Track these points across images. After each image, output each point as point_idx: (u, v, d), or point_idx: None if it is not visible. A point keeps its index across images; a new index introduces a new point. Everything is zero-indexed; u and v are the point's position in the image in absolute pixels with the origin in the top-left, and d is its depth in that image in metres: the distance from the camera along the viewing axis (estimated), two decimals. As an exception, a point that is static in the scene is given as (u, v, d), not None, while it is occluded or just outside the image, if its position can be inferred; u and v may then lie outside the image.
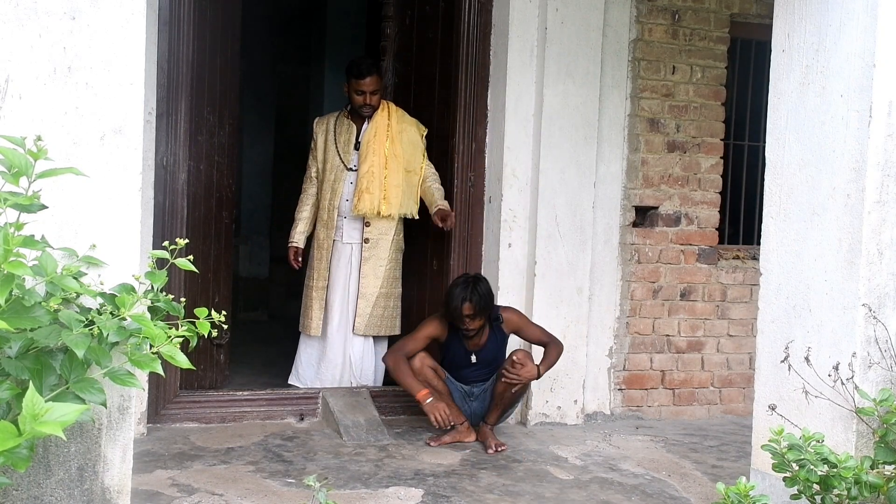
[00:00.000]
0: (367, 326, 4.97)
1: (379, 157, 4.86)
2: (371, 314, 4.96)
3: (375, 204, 4.84)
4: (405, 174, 4.92)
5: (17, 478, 2.33)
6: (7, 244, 2.01)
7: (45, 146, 2.14)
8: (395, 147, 4.90)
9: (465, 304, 4.27)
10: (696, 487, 3.97)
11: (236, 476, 3.77)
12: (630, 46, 5.08)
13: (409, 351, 4.38)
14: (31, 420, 1.72)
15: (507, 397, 4.42)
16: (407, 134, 4.96)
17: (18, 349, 2.15)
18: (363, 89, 4.88)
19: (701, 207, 5.30)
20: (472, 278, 4.39)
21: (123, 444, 2.49)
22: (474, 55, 4.95)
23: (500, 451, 4.29)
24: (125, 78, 2.48)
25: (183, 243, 2.44)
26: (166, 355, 2.24)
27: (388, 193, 4.86)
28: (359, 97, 4.90)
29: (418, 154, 4.96)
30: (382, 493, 3.65)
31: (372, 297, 4.96)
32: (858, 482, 2.70)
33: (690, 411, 5.32)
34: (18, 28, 2.38)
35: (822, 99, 3.16)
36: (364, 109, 4.92)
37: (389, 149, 4.89)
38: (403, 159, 4.91)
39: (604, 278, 5.08)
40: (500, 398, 4.42)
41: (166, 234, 4.20)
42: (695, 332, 5.33)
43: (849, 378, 3.00)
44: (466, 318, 4.29)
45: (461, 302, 4.26)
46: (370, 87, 4.88)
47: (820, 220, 3.15)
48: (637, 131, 5.12)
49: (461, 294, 4.26)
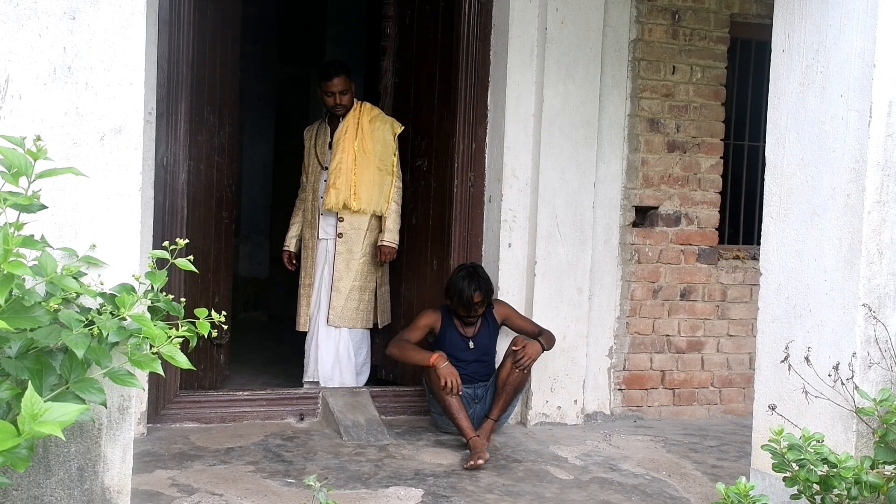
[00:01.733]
0: (340, 319, 5.03)
1: (347, 153, 4.95)
2: (345, 307, 5.03)
3: (342, 199, 4.93)
4: (378, 172, 4.99)
5: (16, 478, 2.33)
6: (7, 244, 2.01)
7: (45, 146, 2.14)
8: (364, 144, 4.98)
9: (475, 293, 4.50)
10: (696, 487, 3.97)
11: (236, 476, 3.77)
12: (630, 46, 5.08)
13: (410, 339, 4.53)
14: (30, 420, 1.72)
15: (511, 383, 4.45)
16: (380, 132, 5.02)
17: (18, 349, 2.15)
18: (332, 90, 5.02)
19: (701, 207, 5.30)
20: (472, 268, 4.62)
21: (123, 444, 2.49)
22: (474, 55, 4.95)
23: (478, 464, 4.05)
24: (125, 78, 2.48)
25: (183, 243, 2.44)
26: (166, 355, 2.24)
27: (357, 189, 4.94)
28: (329, 98, 5.05)
29: (389, 153, 5.04)
30: (382, 493, 3.65)
31: (345, 291, 5.02)
32: (858, 482, 2.70)
33: (690, 411, 5.33)
34: (18, 28, 2.38)
35: (822, 99, 3.16)
36: (336, 109, 5.06)
37: (359, 145, 4.97)
38: (375, 157, 4.99)
39: (604, 278, 5.08)
40: (504, 386, 4.46)
41: (166, 234, 4.20)
42: (695, 332, 5.33)
43: (849, 378, 3.00)
44: (476, 305, 4.52)
45: (473, 291, 4.49)
46: (338, 88, 5.01)
47: (820, 220, 3.15)
48: (637, 131, 5.12)
49: (470, 285, 4.50)
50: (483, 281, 4.55)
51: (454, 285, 4.56)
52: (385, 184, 5.01)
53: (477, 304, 4.53)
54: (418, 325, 4.60)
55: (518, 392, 4.57)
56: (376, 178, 4.99)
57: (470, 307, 4.53)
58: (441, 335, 4.63)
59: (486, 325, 4.69)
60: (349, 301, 5.04)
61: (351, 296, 5.04)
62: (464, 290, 4.50)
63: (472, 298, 4.50)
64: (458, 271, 4.62)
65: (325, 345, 5.05)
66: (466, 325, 4.64)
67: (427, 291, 5.20)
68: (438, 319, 4.63)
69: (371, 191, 4.96)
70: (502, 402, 4.48)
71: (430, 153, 5.17)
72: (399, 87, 5.45)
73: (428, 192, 5.21)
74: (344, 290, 5.02)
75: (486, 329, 4.69)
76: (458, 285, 4.53)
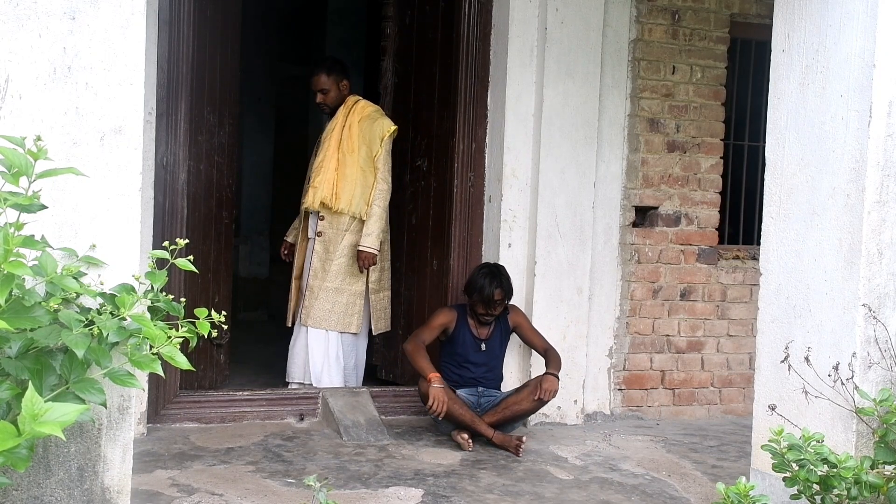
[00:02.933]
0: (309, 318, 4.90)
1: (330, 151, 4.90)
2: (315, 307, 4.88)
3: (319, 198, 4.85)
4: (362, 172, 4.87)
5: (17, 478, 2.33)
6: (7, 244, 2.01)
7: (45, 146, 2.14)
8: (349, 143, 4.88)
9: (496, 290, 4.53)
10: (696, 487, 3.97)
11: (236, 476, 3.77)
12: (630, 46, 5.08)
13: (425, 339, 4.54)
14: (30, 420, 1.72)
15: (518, 410, 4.45)
16: (368, 132, 4.88)
17: (18, 349, 2.15)
18: (313, 88, 5.02)
19: (701, 207, 5.30)
20: (494, 266, 4.65)
21: (123, 444, 2.49)
22: (474, 55, 4.95)
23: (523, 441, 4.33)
24: (125, 78, 2.48)
25: (183, 243, 2.44)
26: (166, 356, 2.24)
27: (338, 189, 4.85)
28: (315, 96, 5.04)
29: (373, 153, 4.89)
30: (382, 493, 3.65)
31: (317, 291, 4.89)
32: (858, 482, 2.70)
33: (690, 411, 5.33)
34: (18, 28, 2.38)
35: (822, 99, 3.16)
36: (321, 108, 5.06)
37: (343, 144, 4.89)
38: (359, 156, 4.88)
39: (604, 278, 5.08)
40: (508, 406, 4.45)
41: (166, 234, 4.20)
42: (695, 332, 5.33)
43: (849, 378, 3.00)
44: (496, 302, 4.55)
45: (494, 288, 4.53)
46: (317, 87, 4.99)
47: (820, 220, 3.15)
48: (637, 131, 5.12)
49: (492, 282, 4.54)
50: (504, 279, 4.58)
51: (475, 282, 4.59)
52: (367, 184, 4.87)
53: (497, 302, 4.55)
54: (433, 325, 4.60)
55: (519, 418, 4.55)
56: (360, 179, 4.86)
57: (490, 304, 4.54)
58: (455, 334, 4.64)
59: (498, 329, 4.69)
60: (320, 301, 4.88)
61: (322, 296, 4.88)
62: (485, 287, 4.52)
63: (492, 295, 4.52)
64: (481, 269, 4.65)
65: (315, 345, 4.93)
66: (481, 325, 4.64)
67: (427, 291, 5.19)
68: (453, 319, 4.64)
69: (353, 191, 4.84)
70: (501, 416, 4.44)
71: (430, 153, 5.17)
72: (399, 87, 5.44)
73: (428, 192, 5.21)
74: (316, 290, 4.89)
75: (499, 333, 4.69)
76: (479, 282, 4.56)
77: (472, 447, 4.33)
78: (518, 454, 4.28)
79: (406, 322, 5.20)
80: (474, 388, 4.61)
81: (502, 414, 4.45)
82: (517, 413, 4.48)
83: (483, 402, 4.59)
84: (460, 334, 4.63)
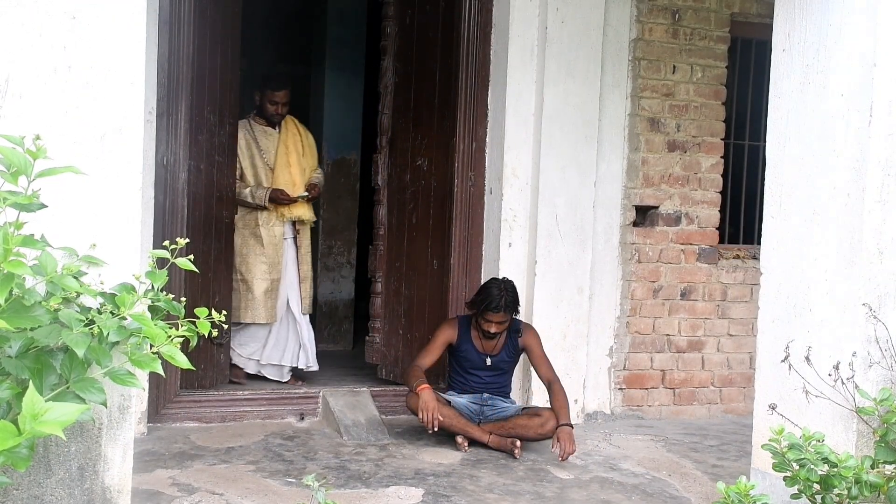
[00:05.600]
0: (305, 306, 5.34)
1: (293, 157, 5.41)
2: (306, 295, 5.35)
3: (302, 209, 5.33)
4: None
5: (17, 477, 2.33)
6: (7, 243, 2.01)
7: (45, 145, 2.14)
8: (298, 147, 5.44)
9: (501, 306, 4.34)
10: (696, 487, 3.97)
11: (236, 475, 3.77)
12: (630, 46, 5.08)
13: (425, 364, 4.42)
14: (31, 419, 1.72)
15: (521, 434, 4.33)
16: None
17: (18, 348, 2.15)
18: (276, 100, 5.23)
19: (701, 207, 5.30)
20: (504, 281, 4.47)
21: (124, 443, 2.49)
22: (474, 55, 4.95)
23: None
24: (125, 77, 2.48)
25: (183, 242, 2.44)
26: (166, 355, 2.24)
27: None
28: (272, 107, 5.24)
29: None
30: (382, 493, 3.65)
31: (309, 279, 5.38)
32: (859, 481, 2.70)
33: (691, 411, 5.32)
34: (18, 27, 2.37)
35: (822, 98, 3.16)
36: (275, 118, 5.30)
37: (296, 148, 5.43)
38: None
39: (604, 278, 5.08)
40: (514, 427, 4.36)
41: (166, 234, 4.20)
42: (695, 332, 5.33)
43: (849, 377, 3.00)
44: (499, 318, 4.36)
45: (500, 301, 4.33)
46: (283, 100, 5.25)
47: (820, 220, 3.15)
48: (637, 131, 5.12)
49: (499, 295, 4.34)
50: (510, 294, 4.38)
51: (480, 293, 4.44)
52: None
53: (499, 320, 4.37)
54: (435, 345, 4.47)
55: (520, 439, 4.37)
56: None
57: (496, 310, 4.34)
58: (457, 347, 4.51)
59: (507, 347, 4.53)
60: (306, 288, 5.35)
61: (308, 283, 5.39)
62: (491, 299, 4.34)
63: (498, 308, 4.33)
64: (490, 281, 4.50)
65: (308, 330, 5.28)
66: (486, 340, 4.48)
67: (427, 291, 5.19)
68: (455, 333, 4.50)
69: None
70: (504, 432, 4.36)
71: (430, 153, 5.16)
72: (399, 87, 5.43)
73: (428, 192, 5.20)
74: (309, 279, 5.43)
75: (506, 351, 4.54)
76: (484, 294, 4.40)
77: (467, 450, 4.32)
78: (516, 456, 4.25)
79: (406, 322, 5.20)
80: (479, 394, 4.54)
81: (506, 431, 4.37)
82: (520, 436, 4.34)
83: (487, 410, 4.50)
84: (463, 347, 4.51)
